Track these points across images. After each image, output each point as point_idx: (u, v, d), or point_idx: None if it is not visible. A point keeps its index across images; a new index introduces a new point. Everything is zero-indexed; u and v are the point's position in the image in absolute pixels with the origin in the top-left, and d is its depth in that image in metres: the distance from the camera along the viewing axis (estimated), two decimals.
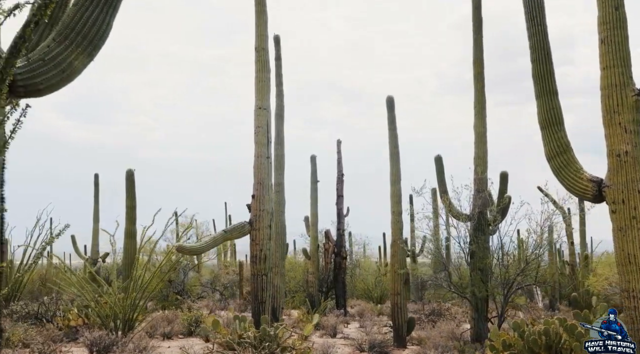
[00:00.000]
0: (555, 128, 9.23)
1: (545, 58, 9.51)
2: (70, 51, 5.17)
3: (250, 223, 15.01)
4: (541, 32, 9.54)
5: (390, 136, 16.65)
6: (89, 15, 5.23)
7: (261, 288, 14.81)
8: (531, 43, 9.68)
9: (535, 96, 9.53)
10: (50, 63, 5.09)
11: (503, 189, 16.34)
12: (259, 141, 15.18)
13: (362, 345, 15.20)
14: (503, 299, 15.01)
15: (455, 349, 14.45)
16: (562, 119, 9.36)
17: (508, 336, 11.47)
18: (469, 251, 15.43)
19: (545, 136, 9.33)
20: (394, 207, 16.45)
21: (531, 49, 9.69)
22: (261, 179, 15.07)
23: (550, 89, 9.39)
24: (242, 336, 11.38)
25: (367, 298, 30.36)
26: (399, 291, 16.19)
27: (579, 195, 9.09)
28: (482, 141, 15.96)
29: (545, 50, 9.53)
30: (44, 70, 5.04)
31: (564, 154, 9.13)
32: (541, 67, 9.48)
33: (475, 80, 16.25)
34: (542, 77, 9.45)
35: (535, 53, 9.57)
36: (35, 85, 5.03)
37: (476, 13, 16.49)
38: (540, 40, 9.53)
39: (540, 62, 9.50)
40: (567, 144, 9.20)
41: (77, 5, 5.25)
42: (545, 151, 9.39)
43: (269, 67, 15.61)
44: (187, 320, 17.65)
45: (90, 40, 5.25)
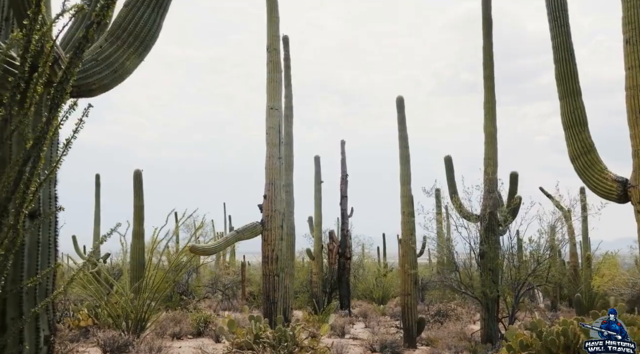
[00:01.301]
0: (579, 128, 9.26)
1: (569, 58, 9.53)
2: (122, 51, 5.17)
3: (262, 223, 15.02)
4: (564, 32, 9.56)
5: (400, 136, 16.69)
6: (140, 16, 5.23)
7: (273, 289, 14.83)
8: (554, 43, 9.70)
9: (559, 96, 9.55)
10: (103, 63, 5.08)
11: (513, 190, 16.39)
12: (270, 141, 15.19)
13: (373, 345, 15.21)
14: (514, 300, 15.04)
15: (467, 350, 14.48)
16: (586, 120, 9.39)
17: (525, 336, 11.49)
18: (479, 251, 15.46)
19: (569, 137, 9.36)
20: (404, 207, 16.49)
21: (554, 49, 9.71)
22: (273, 180, 15.08)
23: (574, 89, 9.41)
24: (259, 336, 11.37)
25: (369, 299, 30.39)
26: (410, 291, 16.21)
27: (604, 195, 9.12)
28: (492, 141, 16.00)
29: (568, 50, 9.56)
30: (96, 71, 5.04)
31: (588, 154, 9.16)
32: (565, 68, 9.51)
33: (485, 82, 16.30)
34: (565, 78, 9.47)
35: (559, 53, 9.59)
36: (88, 85, 5.03)
37: (486, 17, 16.55)
38: (564, 41, 9.55)
39: (563, 62, 9.52)
40: (591, 144, 9.22)
41: (128, 6, 5.25)
42: (569, 151, 9.41)
43: (280, 67, 15.63)
44: (197, 320, 17.61)
45: (141, 41, 5.25)
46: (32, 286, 4.71)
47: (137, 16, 5.21)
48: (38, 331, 4.81)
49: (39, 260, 4.82)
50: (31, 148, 4.12)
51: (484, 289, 14.98)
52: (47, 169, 4.53)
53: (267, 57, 15.46)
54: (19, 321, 4.61)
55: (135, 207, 18.74)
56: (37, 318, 4.78)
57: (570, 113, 9.33)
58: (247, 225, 15.18)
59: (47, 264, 4.93)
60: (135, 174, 18.85)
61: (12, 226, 4.16)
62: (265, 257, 14.97)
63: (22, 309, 4.68)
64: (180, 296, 24.44)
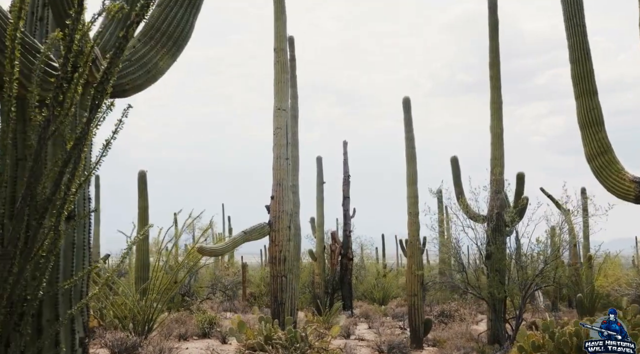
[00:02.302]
0: (595, 128, 9.24)
1: (585, 58, 9.50)
2: (155, 52, 5.14)
3: (270, 224, 14.98)
4: (580, 32, 9.53)
5: (407, 137, 16.65)
6: (174, 16, 5.20)
7: (281, 290, 14.79)
8: (570, 43, 9.68)
9: (575, 96, 9.53)
10: (137, 63, 5.05)
11: (520, 190, 16.38)
12: (278, 142, 15.16)
13: (380, 346, 15.17)
14: (521, 301, 15.03)
15: (476, 351, 14.47)
16: (603, 120, 9.35)
17: (536, 337, 11.48)
18: (486, 252, 15.45)
19: (585, 137, 9.34)
20: (411, 208, 16.47)
21: (570, 49, 9.68)
22: (280, 180, 15.04)
23: (590, 89, 9.38)
24: (270, 337, 11.34)
25: (369, 299, 30.37)
26: (416, 292, 16.20)
27: (621, 196, 9.10)
28: (499, 142, 16.02)
29: (584, 50, 9.53)
30: (130, 71, 5.01)
31: (605, 155, 9.13)
32: (581, 68, 9.48)
33: (492, 82, 16.32)
34: (581, 78, 9.45)
35: (575, 53, 9.57)
36: (121, 85, 5.00)
37: (492, 17, 16.57)
38: (580, 41, 9.53)
39: (579, 62, 9.50)
40: (608, 144, 9.19)
41: (161, 6, 5.21)
42: (585, 151, 9.39)
43: (288, 68, 15.61)
44: (202, 322, 17.56)
45: (174, 41, 5.22)
46: (68, 288, 4.68)
47: (170, 16, 5.18)
48: (74, 333, 4.79)
49: (74, 262, 4.80)
50: (72, 149, 4.09)
51: (491, 289, 14.97)
52: (87, 170, 4.49)
53: (274, 58, 15.43)
54: (55, 323, 4.58)
55: (140, 208, 18.69)
56: (73, 320, 4.75)
57: (586, 113, 9.32)
58: (255, 226, 15.12)
59: (82, 266, 4.90)
60: (140, 175, 18.81)
61: (53, 227, 4.14)
62: (273, 258, 14.93)
63: (58, 311, 4.66)
64: (183, 297, 24.37)
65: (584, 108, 9.37)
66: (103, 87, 4.15)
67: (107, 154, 4.34)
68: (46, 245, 4.18)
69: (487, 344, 15.32)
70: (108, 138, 4.33)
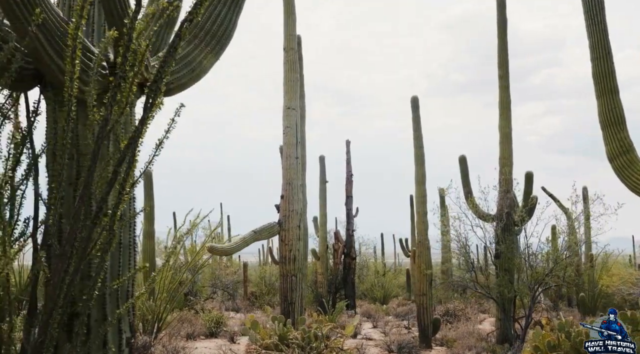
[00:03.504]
0: (617, 128, 9.22)
1: (606, 57, 9.49)
2: (199, 50, 5.11)
3: (280, 224, 14.96)
4: (601, 30, 9.51)
5: (415, 136, 16.65)
6: (217, 14, 5.17)
7: (291, 289, 14.77)
8: (591, 42, 9.66)
9: (596, 95, 9.51)
10: (181, 62, 5.02)
11: (528, 190, 16.38)
12: (287, 141, 15.14)
13: (390, 346, 15.17)
14: (530, 300, 15.04)
15: (486, 350, 14.48)
16: (624, 119, 9.34)
17: (552, 337, 11.49)
18: (495, 251, 15.46)
19: (607, 136, 9.32)
20: (419, 207, 16.50)
21: (591, 48, 9.67)
22: (290, 180, 15.02)
23: (611, 88, 9.36)
24: (285, 337, 11.32)
25: (369, 299, 30.36)
26: (425, 291, 16.20)
27: None
28: (507, 141, 16.03)
29: (605, 49, 9.51)
30: (175, 70, 4.96)
31: (627, 154, 9.12)
32: (602, 67, 9.47)
33: (500, 81, 16.33)
34: (602, 77, 9.43)
35: (595, 52, 9.55)
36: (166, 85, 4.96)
37: (501, 17, 16.58)
38: (601, 39, 9.51)
39: (600, 61, 9.47)
40: (630, 143, 9.17)
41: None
42: (606, 150, 9.38)
43: (297, 67, 15.58)
44: (209, 321, 17.52)
45: (218, 40, 5.19)
46: (115, 288, 4.65)
47: (214, 14, 5.16)
48: (121, 333, 4.76)
49: (120, 261, 4.77)
50: (125, 148, 4.06)
51: (501, 289, 14.97)
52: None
53: (283, 57, 15.41)
54: (103, 323, 4.55)
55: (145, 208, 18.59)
56: (120, 320, 4.72)
57: (608, 112, 9.30)
58: (265, 225, 15.10)
59: (128, 266, 4.87)
60: (146, 175, 18.71)
61: (108, 227, 4.11)
62: (283, 258, 14.90)
63: (106, 311, 4.63)
64: (186, 297, 24.30)
65: (605, 107, 9.36)
66: (157, 86, 4.13)
67: (159, 153, 4.31)
68: (99, 245, 4.16)
69: (496, 344, 15.34)
70: (161, 137, 4.31)
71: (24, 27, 4.06)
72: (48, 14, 4.15)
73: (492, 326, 20.21)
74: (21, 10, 4.02)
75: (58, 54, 4.27)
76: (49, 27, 4.19)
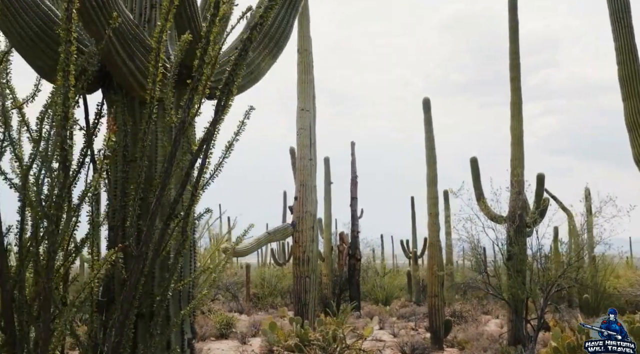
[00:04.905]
0: None
1: (633, 60, 9.56)
2: (258, 53, 5.13)
3: (293, 225, 14.98)
4: (628, 33, 9.59)
5: (427, 137, 16.69)
6: (275, 17, 5.20)
7: (304, 290, 14.82)
8: (617, 45, 9.72)
9: (622, 98, 9.57)
10: None
11: (540, 191, 16.44)
12: (301, 142, 15.18)
13: (403, 347, 15.20)
14: (543, 302, 15.08)
15: (500, 352, 14.53)
16: None
17: (571, 338, 11.54)
18: (507, 253, 15.50)
19: (634, 139, 9.37)
20: (431, 209, 16.53)
21: (617, 51, 9.73)
22: (304, 181, 15.06)
23: (638, 91, 9.43)
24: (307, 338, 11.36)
25: (371, 300, 30.38)
26: (437, 292, 16.25)
27: None
28: (519, 143, 16.07)
29: (632, 52, 9.58)
30: None
31: None
32: (628, 69, 9.53)
33: (512, 83, 16.37)
34: (629, 80, 9.50)
35: (622, 55, 9.62)
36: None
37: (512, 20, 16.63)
38: (628, 42, 9.58)
39: (627, 64, 9.55)
40: None
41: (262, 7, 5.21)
42: (633, 153, 9.43)
43: (311, 68, 15.61)
44: (220, 322, 17.52)
45: (276, 42, 5.22)
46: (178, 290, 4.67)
47: (272, 17, 5.17)
48: (183, 334, 4.78)
49: (183, 263, 4.78)
50: (198, 150, 4.09)
51: (513, 290, 15.01)
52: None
53: (297, 58, 15.46)
54: (166, 325, 4.57)
55: None
56: (182, 321, 4.74)
57: (635, 115, 9.36)
58: (278, 227, 15.16)
59: (190, 267, 4.89)
60: None
61: (182, 229, 4.13)
62: (297, 259, 14.95)
63: (169, 313, 4.65)
64: None
65: (632, 110, 9.42)
66: (229, 88, 4.15)
67: (229, 155, 4.34)
68: (170, 246, 4.19)
69: (507, 346, 15.38)
70: (230, 140, 4.33)
71: (99, 31, 4.08)
72: (122, 17, 4.18)
73: (498, 327, 20.31)
74: (97, 14, 4.05)
75: (129, 56, 4.29)
76: (121, 30, 4.22)
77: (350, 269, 25.16)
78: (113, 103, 4.69)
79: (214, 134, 4.15)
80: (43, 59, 4.36)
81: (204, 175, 4.17)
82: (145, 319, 4.48)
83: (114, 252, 3.53)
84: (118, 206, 4.43)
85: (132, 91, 4.50)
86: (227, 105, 4.20)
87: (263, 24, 4.24)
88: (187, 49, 4.20)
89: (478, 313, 24.14)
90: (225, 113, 4.22)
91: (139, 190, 4.04)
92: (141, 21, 4.84)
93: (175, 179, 4.36)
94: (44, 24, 4.31)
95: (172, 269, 4.14)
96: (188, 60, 4.31)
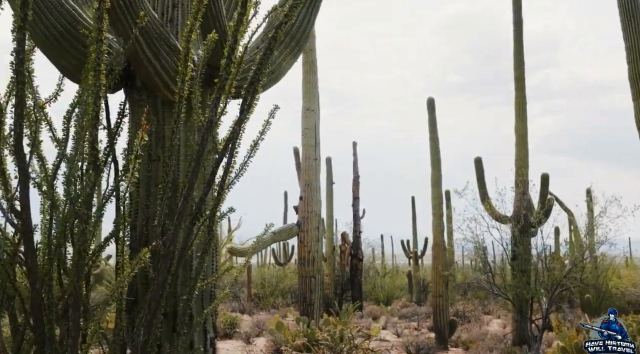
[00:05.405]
0: None
1: None
2: (279, 52, 5.13)
3: (298, 225, 14.98)
4: (639, 33, 9.58)
5: (431, 138, 16.69)
6: (296, 16, 5.20)
7: (310, 290, 14.81)
8: (627, 45, 9.72)
9: (632, 97, 9.58)
10: None
11: (544, 191, 16.45)
12: (306, 142, 15.17)
13: (408, 347, 15.19)
14: (547, 302, 15.09)
15: (505, 352, 14.53)
16: None
17: (579, 339, 11.55)
18: (512, 253, 15.51)
19: None
20: (435, 209, 16.53)
21: (627, 51, 9.73)
22: (309, 181, 15.05)
23: None
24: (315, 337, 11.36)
25: (372, 300, 30.37)
26: (441, 292, 16.25)
27: None
28: (523, 143, 16.09)
29: None
30: None
31: None
32: (638, 69, 9.54)
33: (516, 83, 16.39)
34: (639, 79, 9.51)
35: (632, 54, 9.63)
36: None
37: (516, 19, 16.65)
38: (638, 42, 9.58)
39: (637, 63, 9.55)
40: None
41: (283, 6, 5.21)
42: None
43: (316, 68, 15.60)
44: (224, 322, 17.51)
45: (297, 41, 5.22)
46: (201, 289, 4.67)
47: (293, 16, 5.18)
48: (206, 333, 4.79)
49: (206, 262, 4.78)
50: (224, 149, 4.09)
51: (519, 290, 15.02)
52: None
53: (302, 58, 15.41)
54: (189, 324, 4.57)
55: None
56: (205, 321, 4.74)
57: None
58: (284, 226, 15.15)
59: (212, 267, 4.90)
60: None
61: (208, 228, 4.14)
62: (302, 259, 14.94)
63: (192, 312, 4.65)
64: None
65: None
66: (254, 87, 4.15)
67: (254, 154, 4.34)
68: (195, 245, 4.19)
69: (512, 346, 15.39)
70: (255, 139, 4.34)
71: (126, 30, 4.08)
72: (148, 16, 4.18)
73: (501, 327, 20.33)
74: (124, 13, 4.05)
75: (155, 55, 4.29)
76: (147, 30, 4.22)
77: (352, 269, 25.15)
78: (136, 103, 4.69)
79: (239, 133, 4.15)
80: (67, 59, 4.36)
81: (229, 174, 4.17)
82: (168, 319, 4.49)
83: (147, 251, 3.52)
84: (143, 205, 4.43)
85: (157, 90, 4.50)
86: (253, 104, 4.20)
87: (287, 22, 4.24)
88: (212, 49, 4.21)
89: (480, 313, 24.13)
90: (251, 112, 4.21)
91: (167, 189, 4.03)
92: (163, 20, 4.84)
93: (199, 178, 4.36)
94: (68, 24, 4.31)
95: (198, 269, 4.13)
96: (212, 59, 4.32)
